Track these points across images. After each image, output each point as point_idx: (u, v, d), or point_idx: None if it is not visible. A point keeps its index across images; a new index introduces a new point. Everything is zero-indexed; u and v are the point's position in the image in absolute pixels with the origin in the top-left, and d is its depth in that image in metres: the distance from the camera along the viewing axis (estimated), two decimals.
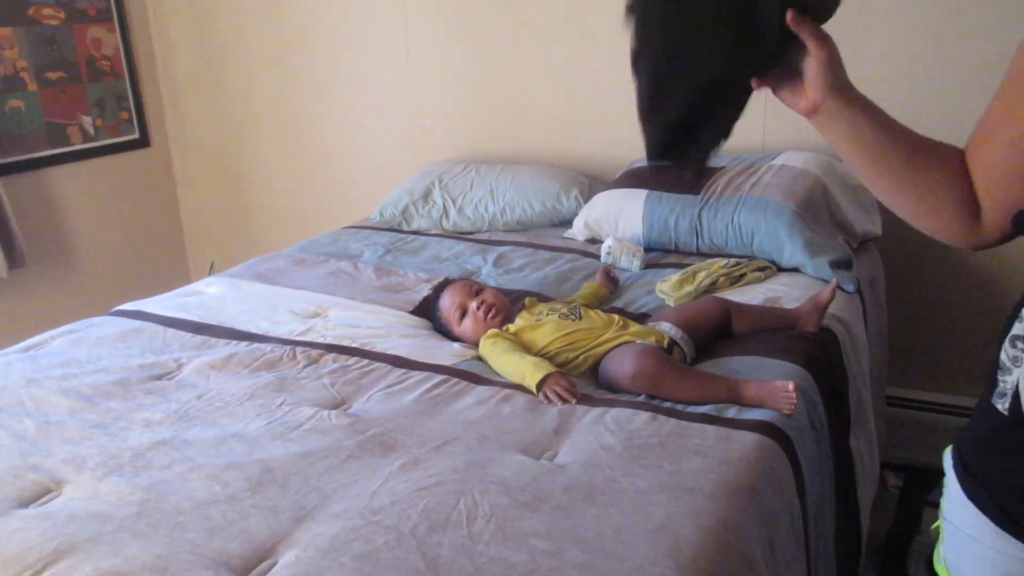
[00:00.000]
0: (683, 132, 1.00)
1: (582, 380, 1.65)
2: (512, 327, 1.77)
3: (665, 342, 1.66)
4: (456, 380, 1.63)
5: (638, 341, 1.64)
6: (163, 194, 3.86)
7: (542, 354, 1.68)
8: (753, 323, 1.81)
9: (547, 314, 1.76)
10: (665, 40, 0.94)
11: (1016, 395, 0.88)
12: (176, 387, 1.66)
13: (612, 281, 2.13)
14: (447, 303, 1.88)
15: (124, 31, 3.55)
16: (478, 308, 1.83)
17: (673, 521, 1.16)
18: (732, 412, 1.47)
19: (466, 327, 1.84)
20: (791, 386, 1.45)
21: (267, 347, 1.82)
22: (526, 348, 1.69)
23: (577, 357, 1.67)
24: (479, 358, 1.74)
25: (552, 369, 1.57)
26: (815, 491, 1.49)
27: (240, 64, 3.56)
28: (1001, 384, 0.90)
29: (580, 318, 1.73)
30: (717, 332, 1.79)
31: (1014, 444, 0.89)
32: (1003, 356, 0.90)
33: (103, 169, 3.55)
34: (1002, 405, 0.90)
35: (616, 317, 1.75)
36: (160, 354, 1.81)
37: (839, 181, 2.39)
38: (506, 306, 1.89)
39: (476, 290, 1.89)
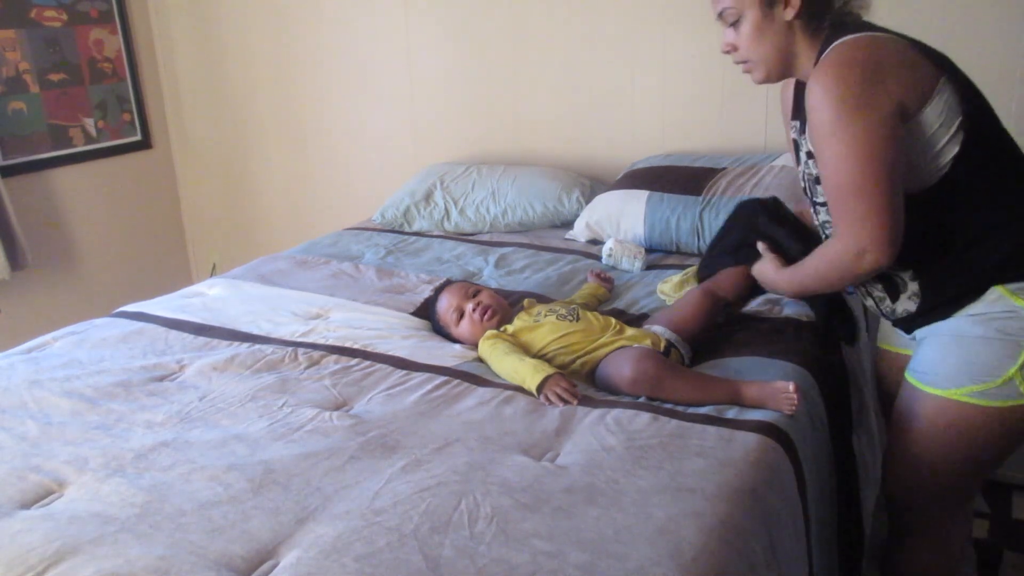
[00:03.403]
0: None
1: (582, 384, 1.64)
2: (510, 328, 1.77)
3: (662, 345, 1.66)
4: (457, 381, 1.63)
5: (635, 345, 1.64)
6: (165, 196, 3.87)
7: (539, 356, 1.68)
8: (734, 285, 1.86)
9: (545, 315, 1.76)
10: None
11: None
12: (178, 388, 1.66)
13: (607, 280, 2.13)
14: (444, 306, 1.88)
15: (126, 33, 3.56)
16: (474, 310, 1.83)
17: (674, 522, 1.16)
18: (733, 413, 1.47)
19: (463, 329, 1.84)
20: (791, 387, 1.45)
21: (269, 348, 1.82)
22: (524, 349, 1.69)
23: (574, 361, 1.67)
24: (480, 359, 1.74)
25: (552, 371, 1.57)
26: (817, 492, 1.49)
27: (242, 66, 3.56)
28: None
29: (578, 320, 1.73)
30: (711, 321, 1.79)
31: None
32: None
33: (105, 171, 3.56)
34: None
35: (613, 321, 1.75)
36: (162, 355, 1.82)
37: None
38: (503, 307, 1.89)
39: (473, 292, 1.89)
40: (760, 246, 1.74)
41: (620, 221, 2.45)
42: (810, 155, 1.48)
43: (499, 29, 2.99)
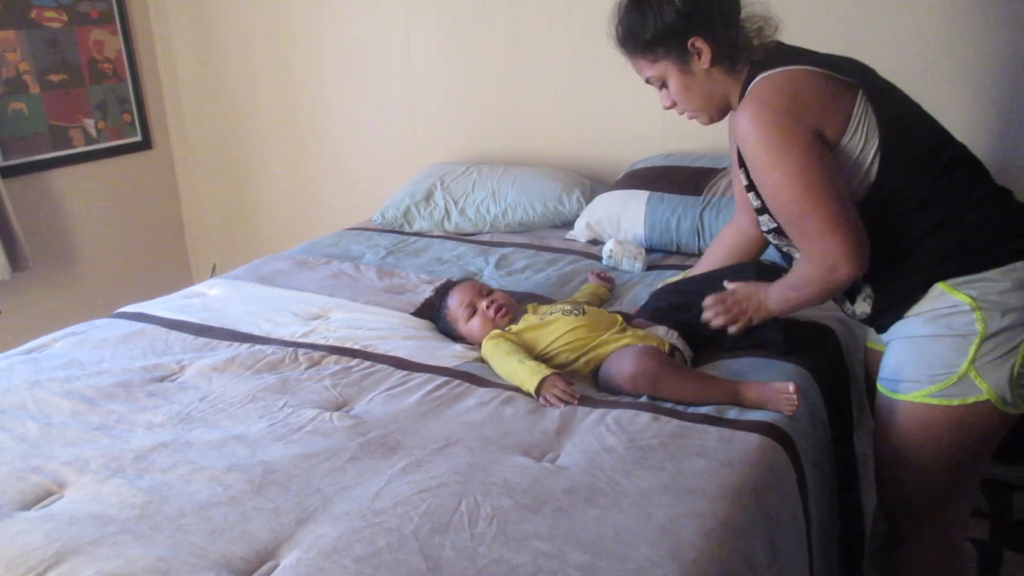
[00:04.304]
0: None
1: (582, 383, 1.64)
2: (515, 327, 1.77)
3: (666, 347, 1.66)
4: (458, 382, 1.63)
5: (639, 344, 1.64)
6: (165, 196, 3.87)
7: (544, 354, 1.68)
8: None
9: (551, 313, 1.77)
10: None
11: None
12: (178, 389, 1.66)
13: (607, 280, 2.14)
14: (456, 302, 1.88)
15: (126, 33, 3.55)
16: (488, 307, 1.83)
17: (675, 522, 1.16)
18: (734, 413, 1.47)
19: (474, 326, 1.83)
20: (791, 387, 1.45)
21: (269, 349, 1.82)
22: (529, 348, 1.69)
23: (578, 359, 1.67)
24: (481, 359, 1.74)
25: (548, 372, 1.57)
26: (817, 492, 1.49)
27: (242, 66, 3.56)
28: None
29: (584, 314, 1.74)
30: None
31: None
32: None
33: (105, 171, 3.56)
34: None
35: (619, 318, 1.75)
36: (162, 356, 1.82)
37: None
38: (515, 308, 1.89)
39: (486, 291, 1.90)
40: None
41: (620, 221, 2.45)
42: (749, 188, 1.51)
43: (499, 29, 2.99)
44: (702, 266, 1.89)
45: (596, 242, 2.52)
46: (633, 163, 2.73)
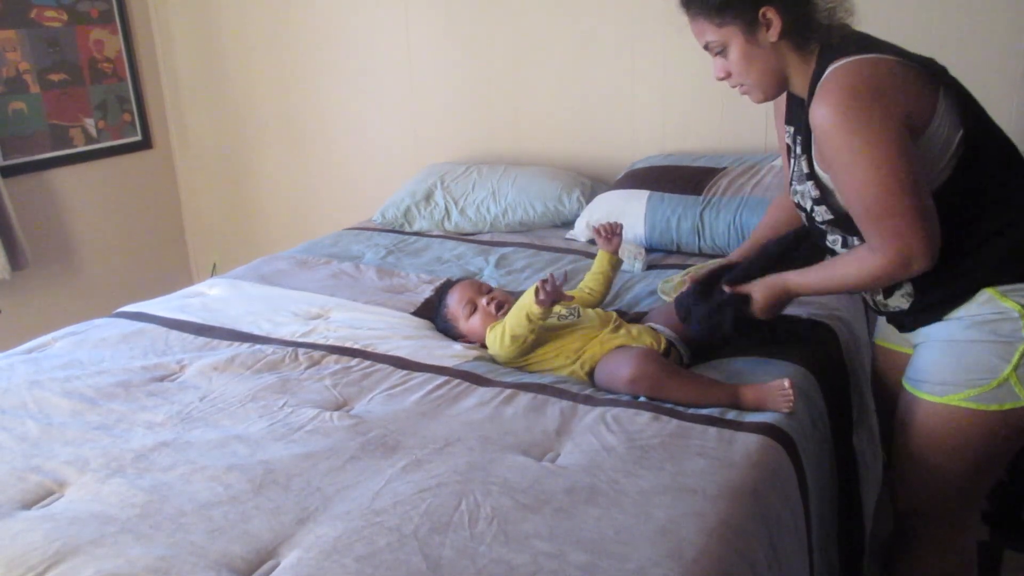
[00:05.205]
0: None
1: (581, 382, 1.65)
2: None
3: (662, 344, 1.66)
4: (458, 381, 1.63)
5: (634, 345, 1.64)
6: (165, 196, 3.87)
7: (540, 356, 1.70)
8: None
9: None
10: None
11: None
12: (178, 389, 1.66)
13: (609, 230, 1.99)
14: (456, 299, 1.89)
15: (126, 33, 3.56)
16: (488, 304, 1.84)
17: (675, 522, 1.16)
18: (734, 414, 1.47)
19: (474, 322, 1.84)
20: (787, 383, 1.45)
21: (269, 349, 1.82)
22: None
23: (574, 362, 1.67)
24: (481, 359, 1.75)
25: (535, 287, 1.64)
26: (818, 491, 1.49)
27: (242, 66, 3.56)
28: None
29: (579, 317, 1.74)
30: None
31: None
32: None
33: (106, 171, 3.56)
34: None
35: (613, 315, 1.76)
36: (162, 356, 1.82)
37: None
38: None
39: (486, 289, 1.91)
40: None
41: (621, 221, 2.44)
42: (809, 176, 1.46)
43: (500, 29, 2.99)
44: (757, 236, 1.79)
45: (596, 242, 2.52)
46: (633, 163, 2.74)
